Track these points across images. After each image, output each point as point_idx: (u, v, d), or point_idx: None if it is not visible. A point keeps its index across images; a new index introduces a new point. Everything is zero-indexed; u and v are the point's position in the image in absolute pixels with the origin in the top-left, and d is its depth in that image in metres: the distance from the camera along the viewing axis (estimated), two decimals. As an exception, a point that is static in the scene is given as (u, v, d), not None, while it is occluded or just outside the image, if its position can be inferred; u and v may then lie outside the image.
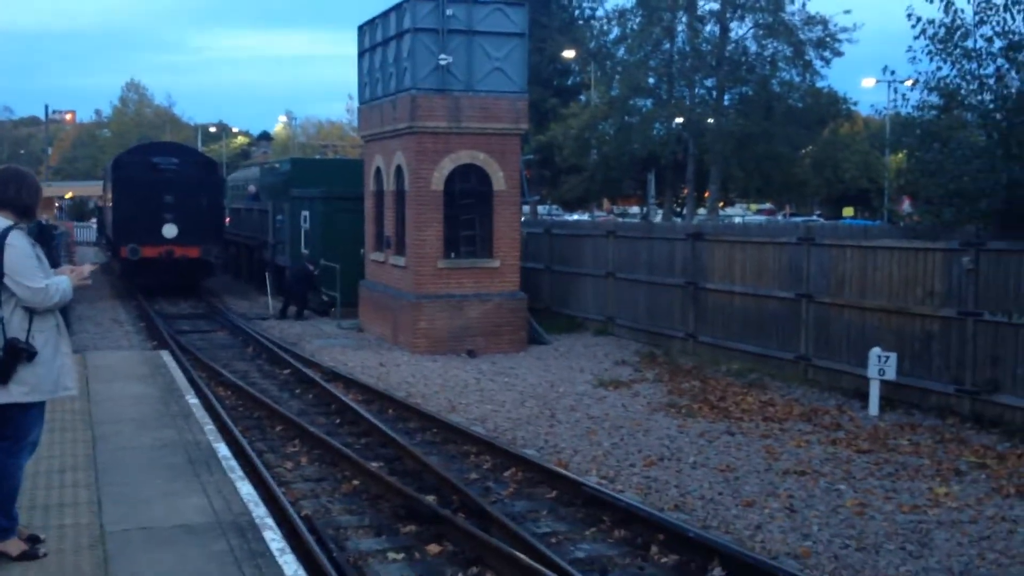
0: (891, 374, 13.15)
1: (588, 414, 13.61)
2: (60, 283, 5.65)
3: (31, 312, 5.55)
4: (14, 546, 5.74)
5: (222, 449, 8.56)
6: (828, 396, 14.29)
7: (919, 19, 14.14)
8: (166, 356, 14.42)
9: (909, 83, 15.26)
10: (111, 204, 31.07)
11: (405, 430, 12.68)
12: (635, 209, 58.57)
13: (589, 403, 14.33)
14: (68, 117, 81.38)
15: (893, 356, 13.15)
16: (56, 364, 5.67)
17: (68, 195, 73.25)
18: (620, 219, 46.36)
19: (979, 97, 13.96)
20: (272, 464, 10.86)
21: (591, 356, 18.38)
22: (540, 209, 46.15)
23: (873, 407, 13.20)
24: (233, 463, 8.12)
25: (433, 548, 8.25)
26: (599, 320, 21.03)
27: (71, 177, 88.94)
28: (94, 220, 58.30)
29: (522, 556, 7.55)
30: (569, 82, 43.78)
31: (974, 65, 13.85)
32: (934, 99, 14.55)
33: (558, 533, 8.75)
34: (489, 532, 8.35)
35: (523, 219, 22.21)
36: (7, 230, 5.52)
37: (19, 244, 5.52)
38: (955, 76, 14.08)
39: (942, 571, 7.79)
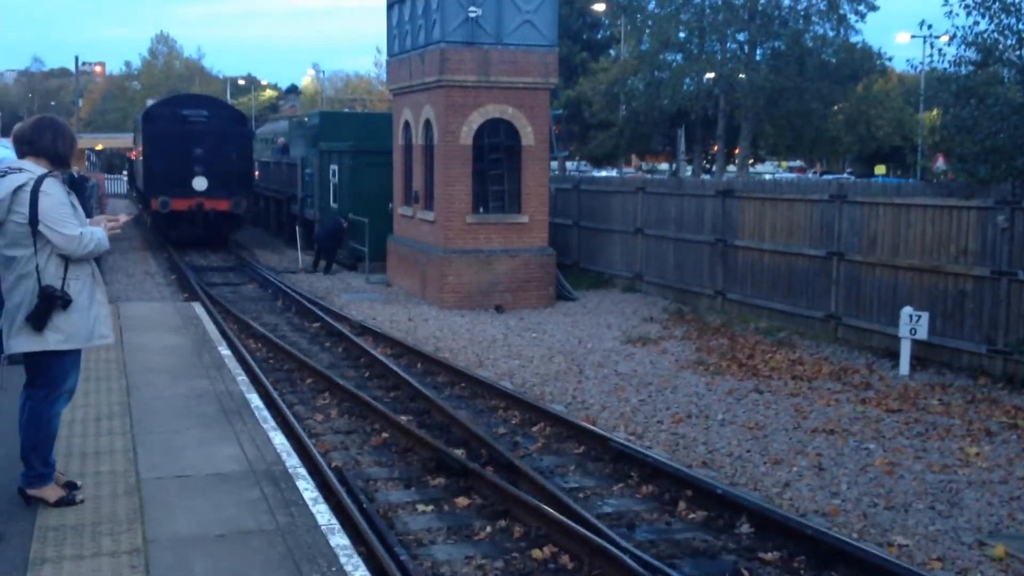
0: (922, 333, 13.05)
1: (616, 370, 13.63)
2: (95, 232, 5.69)
3: (66, 260, 5.60)
4: (52, 492, 5.84)
5: (254, 400, 8.64)
6: (858, 355, 14.23)
7: (958, -27, 13.85)
8: (198, 308, 14.53)
9: (945, 38, 14.99)
10: (142, 156, 31.19)
11: (434, 384, 12.76)
12: (664, 166, 58.18)
13: (617, 359, 14.35)
14: (98, 69, 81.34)
15: (925, 315, 13.05)
16: (92, 313, 5.72)
17: (99, 147, 73.62)
18: (649, 175, 46.08)
19: (1017, 52, 13.69)
20: (302, 416, 10.98)
21: (619, 313, 18.36)
22: (568, 165, 45.91)
23: (904, 366, 13.14)
24: (266, 413, 8.20)
25: (462, 501, 8.32)
26: (627, 277, 20.98)
27: (101, 129, 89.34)
28: (124, 172, 58.58)
29: (550, 510, 7.60)
30: (599, 36, 43.34)
31: (1013, 20, 13.57)
32: (971, 54, 14.28)
33: (586, 488, 8.80)
34: (517, 486, 8.41)
35: (552, 175, 22.12)
36: (42, 178, 5.55)
37: (54, 191, 5.55)
38: (993, 31, 13.81)
39: (971, 530, 7.78)
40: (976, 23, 13.93)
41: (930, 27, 15.42)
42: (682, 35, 36.08)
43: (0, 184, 5.51)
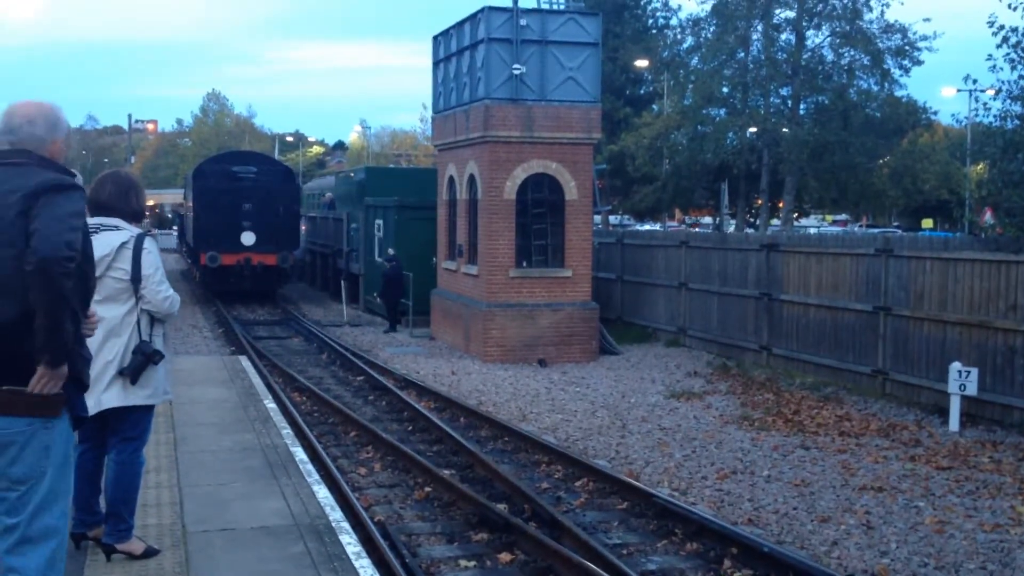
0: (972, 389, 12.86)
1: (660, 425, 13.54)
2: (175, 294, 5.86)
3: (152, 317, 5.74)
4: (138, 545, 5.88)
5: (299, 453, 8.69)
6: (906, 411, 14.03)
7: (1001, 27, 13.87)
8: (244, 361, 14.70)
9: (991, 92, 14.96)
10: (192, 212, 31.76)
11: (476, 438, 12.76)
12: (707, 219, 58.10)
13: (661, 414, 14.26)
14: (150, 127, 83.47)
15: (974, 371, 12.86)
16: (164, 369, 5.86)
17: (150, 203, 75.10)
18: (694, 229, 46.03)
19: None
20: (346, 469, 11.02)
21: (663, 367, 18.28)
22: (611, 219, 46.00)
23: (953, 423, 12.93)
24: (310, 467, 8.24)
25: (504, 556, 8.29)
26: (671, 331, 20.91)
27: (152, 185, 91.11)
28: (174, 228, 59.62)
29: (593, 567, 7.54)
30: (642, 91, 43.59)
31: (1060, 74, 13.54)
32: (1017, 108, 14.24)
33: (629, 544, 8.73)
34: (560, 542, 8.36)
35: (595, 228, 22.21)
36: (142, 236, 5.69)
37: (154, 250, 5.73)
38: (1040, 85, 13.78)
39: (1025, 592, 7.60)
40: (1021, 77, 13.90)
41: (975, 81, 15.39)
42: (725, 90, 36.19)
43: (100, 240, 5.58)
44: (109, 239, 5.60)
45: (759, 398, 15.25)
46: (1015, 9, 14.18)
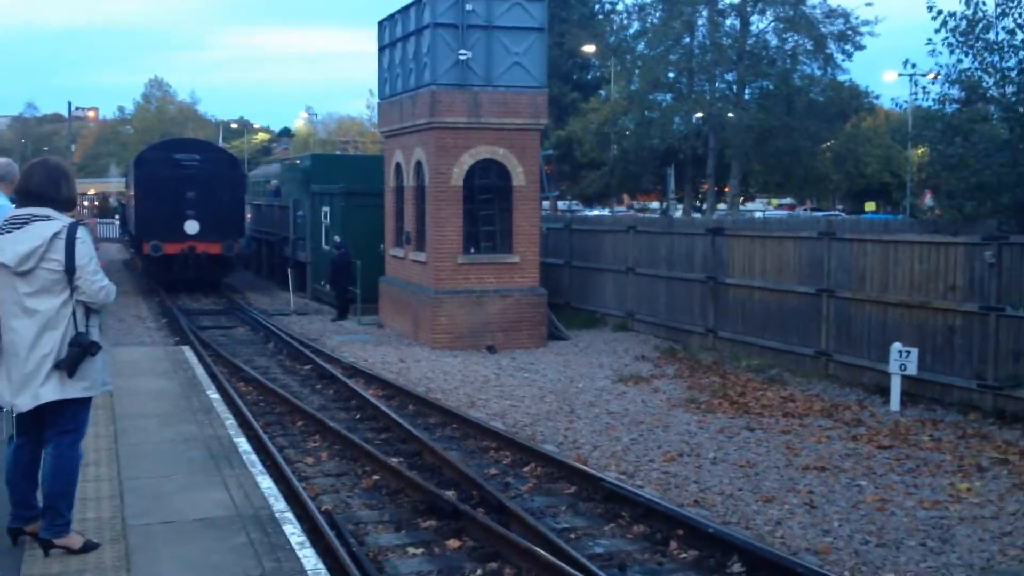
0: (912, 369, 13.07)
1: (607, 409, 13.61)
2: (110, 283, 5.74)
3: (87, 308, 5.62)
4: (76, 539, 5.79)
5: (243, 444, 8.61)
6: (849, 391, 14.24)
7: (940, 12, 14.05)
8: (188, 352, 14.51)
9: (930, 76, 15.17)
10: (134, 201, 31.24)
11: (425, 425, 12.72)
12: (655, 204, 58.47)
13: (608, 399, 14.33)
14: (91, 114, 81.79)
15: (914, 351, 13.08)
16: (102, 360, 5.75)
17: (91, 191, 73.80)
18: (641, 214, 46.25)
19: (1001, 90, 13.86)
20: (293, 459, 10.93)
21: (611, 351, 18.36)
22: (560, 204, 46.09)
23: (894, 403, 13.14)
24: (254, 457, 8.17)
25: (452, 543, 8.27)
26: (619, 315, 21.01)
27: (94, 174, 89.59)
28: (116, 217, 58.69)
29: (541, 551, 7.56)
30: (589, 77, 43.72)
31: (996, 58, 13.75)
32: (955, 92, 14.46)
33: (577, 528, 8.76)
34: (508, 527, 8.37)
35: (543, 214, 22.22)
36: (75, 225, 5.56)
37: (88, 239, 5.61)
38: (977, 69, 13.99)
39: (963, 567, 7.75)
40: (960, 61, 14.11)
41: (914, 65, 15.61)
42: (671, 75, 36.44)
43: (30, 231, 5.46)
44: (41, 230, 5.47)
45: (705, 381, 15.39)
46: (953, -6, 14.40)
